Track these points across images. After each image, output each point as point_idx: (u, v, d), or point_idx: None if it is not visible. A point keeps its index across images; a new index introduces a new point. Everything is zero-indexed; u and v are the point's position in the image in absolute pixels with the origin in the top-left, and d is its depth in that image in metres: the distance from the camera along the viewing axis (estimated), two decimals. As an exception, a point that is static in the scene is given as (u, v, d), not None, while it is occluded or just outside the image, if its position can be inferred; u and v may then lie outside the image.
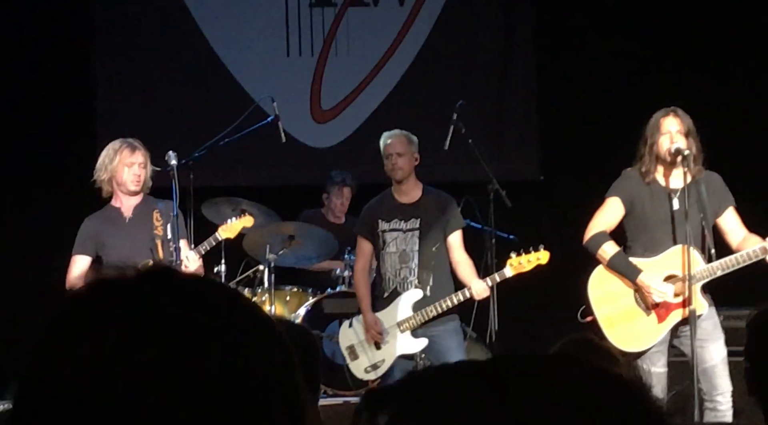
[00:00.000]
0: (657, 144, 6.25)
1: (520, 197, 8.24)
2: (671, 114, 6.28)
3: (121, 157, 6.64)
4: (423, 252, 6.80)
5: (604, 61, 9.74)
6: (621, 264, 6.29)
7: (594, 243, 6.34)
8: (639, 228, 6.37)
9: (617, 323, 6.30)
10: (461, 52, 10.10)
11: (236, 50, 10.02)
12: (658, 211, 6.30)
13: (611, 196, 6.41)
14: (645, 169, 6.31)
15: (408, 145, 6.89)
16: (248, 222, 6.85)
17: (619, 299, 6.33)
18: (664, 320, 6.27)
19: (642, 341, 6.28)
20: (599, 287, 6.36)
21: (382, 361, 6.85)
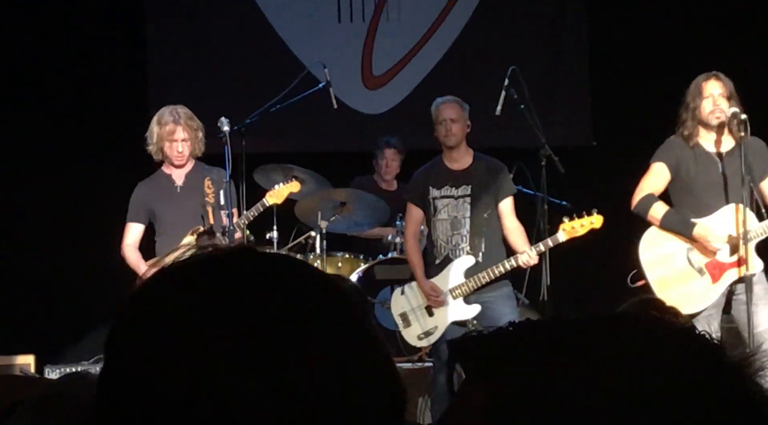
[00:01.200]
0: (699, 108, 6.25)
1: (572, 163, 8.18)
2: (713, 77, 6.27)
3: (165, 131, 6.65)
4: (474, 219, 6.77)
5: (656, 25, 9.66)
6: (675, 222, 6.27)
7: (643, 206, 6.33)
8: (685, 192, 6.34)
9: (670, 285, 6.27)
10: (512, 18, 10.03)
11: (287, 16, 10.02)
12: (704, 175, 6.28)
13: (656, 162, 6.41)
14: (688, 133, 6.30)
15: (461, 111, 6.86)
16: (295, 188, 6.86)
17: (671, 261, 6.30)
18: (717, 280, 6.24)
19: (696, 302, 6.25)
20: (651, 250, 6.34)
21: (434, 328, 6.85)
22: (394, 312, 7.00)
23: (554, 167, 7.95)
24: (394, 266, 8.17)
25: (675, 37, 9.60)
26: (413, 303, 6.91)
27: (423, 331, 6.88)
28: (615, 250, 6.58)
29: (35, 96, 9.61)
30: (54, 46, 9.64)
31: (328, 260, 8.39)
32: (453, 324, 6.82)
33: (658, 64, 9.53)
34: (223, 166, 6.49)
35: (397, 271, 7.89)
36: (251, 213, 6.74)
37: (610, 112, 9.71)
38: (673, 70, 9.22)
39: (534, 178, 8.20)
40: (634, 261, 6.37)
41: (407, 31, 10.08)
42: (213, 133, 6.71)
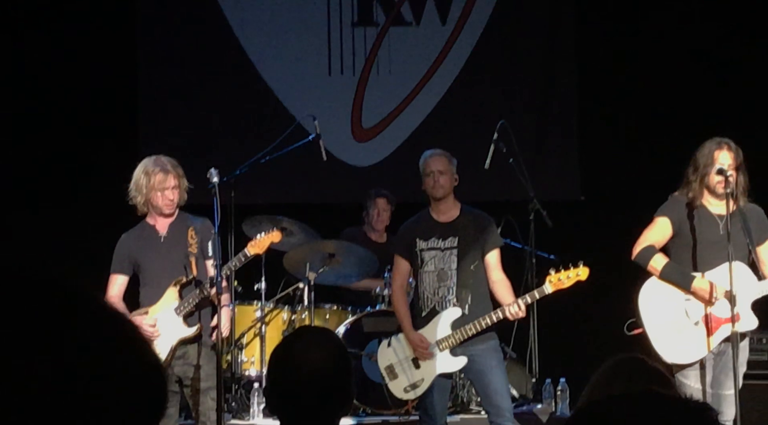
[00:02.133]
0: (709, 176, 6.35)
1: (560, 217, 8.23)
2: (725, 147, 6.38)
3: (153, 181, 6.66)
4: (461, 271, 6.78)
5: (645, 81, 9.72)
6: (674, 273, 6.36)
7: (644, 257, 6.41)
8: (686, 248, 6.44)
9: (666, 335, 6.35)
10: (502, 72, 10.10)
11: (278, 69, 10.08)
12: (706, 233, 6.39)
13: (660, 216, 6.50)
14: (692, 195, 6.42)
15: (449, 163, 6.89)
16: (276, 238, 6.83)
17: (668, 311, 6.39)
18: (713, 334, 6.32)
19: (690, 353, 6.34)
20: (649, 299, 6.42)
21: (421, 380, 6.83)
22: (380, 365, 6.98)
23: (542, 221, 8.00)
24: (382, 318, 8.16)
25: (664, 94, 9.67)
26: (400, 355, 6.89)
27: (409, 384, 6.86)
28: (601, 303, 6.61)
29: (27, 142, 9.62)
30: (46, 95, 9.67)
31: (316, 312, 8.39)
32: (440, 376, 6.80)
33: (646, 120, 9.59)
34: (212, 217, 6.49)
35: (385, 324, 7.87)
36: (233, 264, 6.71)
37: (598, 166, 9.76)
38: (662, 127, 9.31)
39: (522, 232, 8.24)
40: (631, 309, 6.41)
41: (397, 85, 10.14)
42: (203, 183, 6.72)
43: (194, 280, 6.64)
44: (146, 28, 10.04)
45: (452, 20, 10.13)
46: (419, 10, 10.15)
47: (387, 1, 10.15)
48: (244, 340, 8.40)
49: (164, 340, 6.63)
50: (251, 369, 8.32)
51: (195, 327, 6.63)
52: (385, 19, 10.15)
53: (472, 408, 8.10)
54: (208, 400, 6.57)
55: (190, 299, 6.61)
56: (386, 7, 10.15)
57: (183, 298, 6.65)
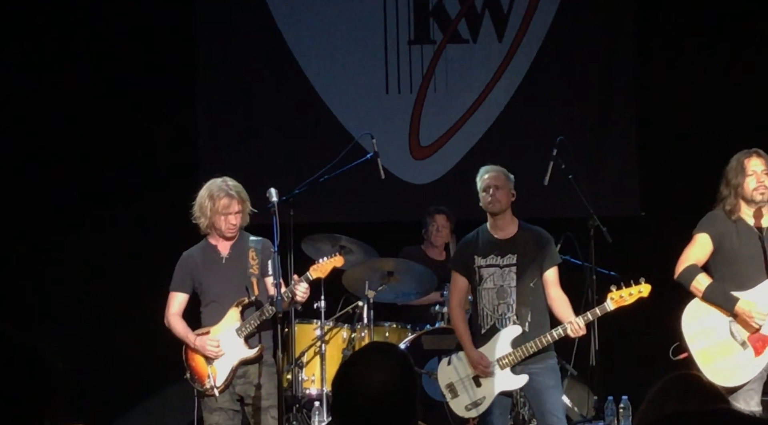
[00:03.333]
0: (743, 185, 6.30)
1: (620, 233, 8.16)
2: (754, 155, 6.35)
3: (218, 206, 6.71)
4: (520, 288, 6.75)
5: (704, 94, 9.65)
6: (718, 295, 6.26)
7: (687, 277, 6.33)
8: (727, 264, 6.35)
9: (713, 358, 6.25)
10: (560, 88, 10.06)
11: (335, 87, 10.11)
12: (746, 247, 6.30)
13: (700, 233, 6.44)
14: (729, 208, 6.35)
15: (506, 179, 6.88)
16: (339, 262, 6.85)
17: (714, 333, 6.28)
18: (761, 353, 6.20)
19: (739, 376, 6.21)
20: (693, 322, 6.33)
21: (482, 398, 6.81)
22: (441, 383, 6.96)
23: (602, 237, 7.93)
24: (441, 336, 8.14)
25: (723, 108, 9.59)
26: (461, 373, 6.87)
27: (471, 402, 6.84)
28: (663, 319, 6.54)
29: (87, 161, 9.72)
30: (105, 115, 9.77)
31: (376, 330, 8.38)
32: (500, 394, 6.78)
33: (706, 133, 9.52)
34: (271, 237, 6.51)
35: (445, 341, 7.86)
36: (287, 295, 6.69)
37: (658, 181, 9.69)
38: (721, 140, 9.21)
39: (582, 248, 8.18)
40: (676, 333, 6.34)
41: (454, 102, 10.13)
42: (262, 203, 6.75)
43: (256, 301, 6.68)
44: (204, 47, 10.10)
45: (509, 37, 10.11)
46: (476, 27, 10.15)
47: (443, 19, 10.16)
48: (305, 359, 8.41)
49: (226, 360, 6.67)
50: (311, 388, 8.33)
51: (256, 348, 6.66)
52: (441, 37, 10.15)
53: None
54: (269, 419, 6.60)
55: (251, 320, 6.64)
56: (443, 24, 10.15)
57: (245, 319, 6.68)
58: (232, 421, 6.69)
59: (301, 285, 6.62)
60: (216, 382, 6.65)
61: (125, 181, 9.69)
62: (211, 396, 6.67)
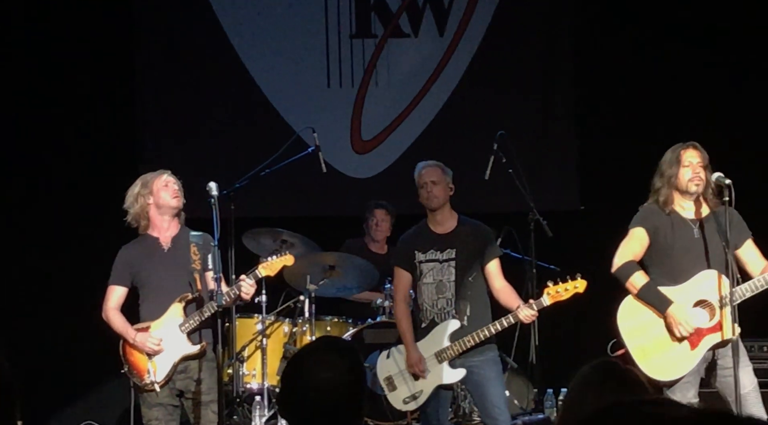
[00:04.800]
0: (677, 176, 6.33)
1: (560, 227, 8.22)
2: (691, 147, 6.39)
3: (153, 180, 6.71)
4: (460, 283, 6.78)
5: (644, 90, 9.73)
6: (651, 295, 6.30)
7: (623, 273, 6.36)
8: (662, 256, 6.38)
9: (650, 353, 6.29)
10: (501, 83, 10.11)
11: (277, 81, 10.09)
12: (680, 240, 6.34)
13: (635, 227, 6.46)
14: (663, 200, 6.37)
15: (442, 174, 6.89)
16: (289, 261, 6.83)
17: (650, 329, 6.31)
18: (696, 346, 6.25)
19: (676, 369, 6.25)
20: (629, 318, 6.36)
21: (420, 392, 6.83)
22: (379, 376, 6.97)
23: (542, 231, 7.99)
24: (383, 330, 8.17)
25: (662, 103, 9.68)
26: (400, 366, 6.89)
27: (409, 395, 6.85)
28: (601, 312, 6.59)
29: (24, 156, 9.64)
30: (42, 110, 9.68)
31: (317, 324, 8.39)
32: (440, 387, 6.80)
33: (645, 128, 9.60)
34: (211, 231, 6.49)
35: (386, 335, 7.88)
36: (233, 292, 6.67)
37: (598, 176, 9.76)
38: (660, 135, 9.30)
39: (522, 242, 8.24)
40: (613, 330, 6.38)
41: (396, 96, 10.15)
42: (202, 197, 6.73)
43: (199, 297, 6.65)
44: (143, 42, 10.04)
45: (450, 31, 10.14)
46: (417, 21, 10.17)
47: (385, 13, 10.17)
48: (246, 353, 8.40)
49: (167, 357, 6.63)
50: (252, 382, 8.32)
51: (199, 345, 6.63)
52: (383, 31, 10.16)
53: (474, 419, 8.09)
54: (209, 413, 6.57)
55: (195, 316, 6.61)
56: (384, 18, 10.16)
57: (187, 315, 6.65)
58: (171, 416, 6.66)
59: (246, 281, 6.60)
60: (156, 377, 6.61)
61: (63, 175, 9.61)
62: (151, 391, 6.63)
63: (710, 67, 9.64)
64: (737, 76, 9.59)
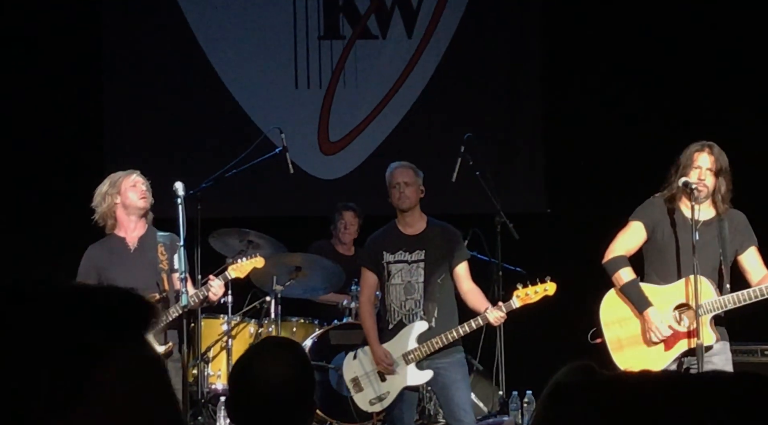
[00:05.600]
0: (686, 176, 6.25)
1: (527, 229, 8.25)
2: (707, 149, 6.25)
3: (122, 180, 6.68)
4: (428, 284, 6.78)
5: (610, 94, 9.77)
6: (633, 293, 6.31)
7: (612, 266, 6.36)
8: (657, 254, 6.38)
9: (625, 346, 6.32)
10: (469, 85, 10.13)
11: (245, 82, 10.07)
12: (678, 240, 6.30)
13: (635, 220, 6.42)
14: (671, 194, 6.30)
15: (414, 175, 6.90)
16: (259, 264, 6.82)
17: (628, 323, 6.35)
18: (670, 348, 6.28)
19: (647, 366, 6.27)
20: (610, 310, 6.39)
21: (386, 393, 6.83)
22: (345, 377, 6.97)
23: (509, 234, 8.01)
24: (349, 331, 8.16)
25: (629, 107, 9.73)
26: (366, 367, 6.89)
27: (375, 396, 6.86)
28: (568, 315, 6.62)
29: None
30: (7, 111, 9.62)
31: (283, 325, 8.37)
32: (406, 389, 6.81)
33: (612, 132, 9.64)
34: (178, 231, 6.46)
35: (352, 336, 7.87)
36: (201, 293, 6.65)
37: (564, 179, 9.80)
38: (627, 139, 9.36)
39: (489, 245, 8.25)
40: (593, 319, 6.40)
41: (364, 98, 10.16)
42: (168, 197, 6.70)
43: (167, 297, 6.63)
44: (111, 42, 10.00)
45: (418, 34, 10.16)
46: (386, 23, 10.18)
47: (353, 15, 10.17)
48: (211, 354, 8.37)
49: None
50: (218, 383, 8.29)
51: (166, 345, 6.61)
52: (351, 33, 10.16)
53: (439, 421, 8.10)
54: (175, 414, 6.53)
55: (162, 317, 6.59)
56: (352, 20, 10.17)
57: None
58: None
59: (215, 282, 6.59)
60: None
61: (28, 174, 9.55)
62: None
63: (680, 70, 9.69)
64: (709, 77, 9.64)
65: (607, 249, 6.43)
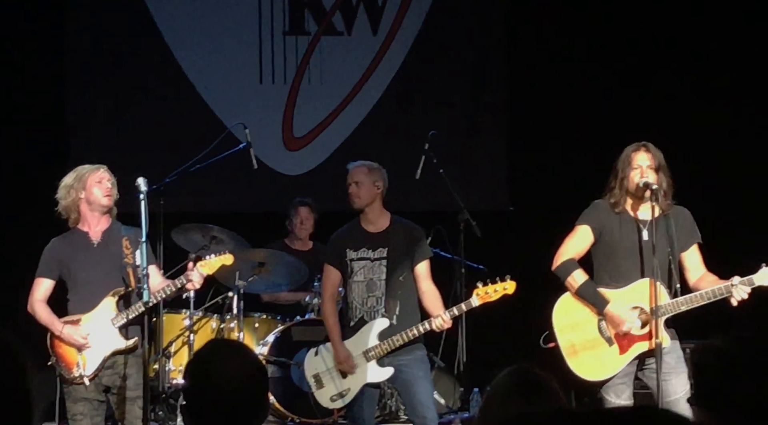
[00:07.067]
0: (628, 178, 6.30)
1: (490, 227, 8.28)
2: (642, 149, 6.33)
3: (87, 175, 6.65)
4: (390, 282, 6.79)
5: (574, 93, 9.82)
6: (589, 294, 6.32)
7: (563, 270, 6.37)
8: (607, 256, 6.39)
9: (580, 351, 6.32)
10: (434, 82, 10.15)
11: (209, 77, 10.05)
12: (626, 241, 6.33)
13: (581, 224, 6.44)
14: (614, 201, 6.35)
15: (368, 174, 6.89)
16: (228, 260, 6.78)
17: (582, 328, 6.34)
18: (626, 351, 6.29)
19: (603, 371, 6.29)
20: (564, 315, 6.39)
21: (347, 390, 6.84)
22: (307, 374, 6.97)
23: (472, 231, 8.04)
24: (311, 327, 8.17)
25: (592, 106, 9.77)
26: (328, 364, 6.89)
27: (336, 393, 6.86)
28: (530, 314, 6.64)
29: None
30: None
31: (245, 320, 8.37)
32: (367, 385, 6.82)
33: (575, 131, 9.68)
34: (140, 226, 6.44)
35: (314, 333, 7.88)
36: (179, 282, 6.65)
37: (527, 177, 9.83)
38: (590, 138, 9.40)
39: (452, 242, 8.28)
40: (547, 323, 6.42)
41: (328, 94, 10.16)
42: (131, 192, 6.67)
43: (132, 292, 6.60)
44: (74, 35, 9.95)
45: (383, 31, 10.17)
46: (351, 20, 10.18)
47: (318, 11, 10.17)
48: (172, 349, 8.36)
49: (97, 351, 6.58)
50: (179, 378, 8.28)
51: (132, 340, 6.59)
52: (316, 29, 10.16)
53: (400, 417, 8.12)
54: (135, 408, 6.53)
55: (129, 312, 6.56)
56: (317, 16, 10.16)
57: (120, 310, 6.61)
58: (96, 411, 6.61)
59: (195, 275, 6.58)
60: (85, 371, 6.56)
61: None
62: (79, 385, 6.57)
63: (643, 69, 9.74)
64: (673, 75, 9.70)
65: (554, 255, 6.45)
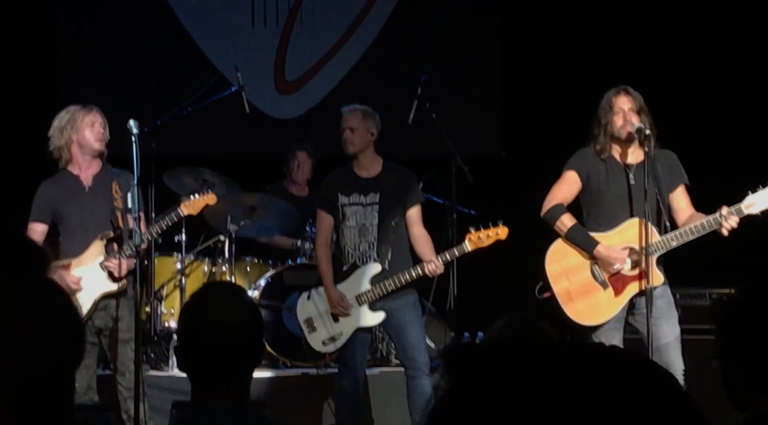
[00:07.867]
0: (611, 123, 6.34)
1: (481, 173, 8.27)
2: (622, 92, 6.36)
3: (80, 117, 6.62)
4: (382, 227, 6.80)
5: (567, 38, 9.78)
6: (579, 236, 6.35)
7: (552, 216, 6.40)
8: (594, 202, 6.42)
9: (575, 297, 6.35)
10: (426, 27, 10.09)
11: (201, 19, 9.98)
12: (613, 185, 6.36)
13: (568, 170, 6.47)
14: (600, 148, 6.38)
15: (362, 119, 6.87)
16: (211, 200, 6.81)
17: (575, 273, 6.37)
18: (620, 293, 6.32)
19: (599, 315, 6.32)
20: (556, 262, 6.41)
21: (339, 334, 6.87)
22: (299, 318, 7.00)
23: (464, 177, 8.03)
24: (303, 272, 8.18)
25: (585, 52, 9.74)
26: (320, 308, 6.92)
27: (328, 337, 6.90)
28: (522, 259, 6.65)
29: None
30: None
31: (237, 265, 8.38)
32: (359, 330, 6.85)
33: (568, 77, 9.65)
34: (131, 169, 6.43)
35: (306, 277, 7.89)
36: (164, 222, 6.67)
37: (520, 123, 9.81)
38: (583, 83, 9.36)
39: (444, 187, 8.27)
40: (540, 273, 6.44)
41: (321, 36, 10.09)
42: (122, 135, 6.65)
43: (121, 235, 6.60)
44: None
45: (377, -28, 10.09)
46: (344, -39, 10.11)
47: (311, -48, 10.08)
48: (164, 292, 8.37)
49: (88, 294, 6.60)
50: (170, 321, 8.30)
51: (120, 282, 6.60)
52: (309, -29, 10.08)
53: (392, 361, 8.16)
54: (128, 351, 6.56)
55: (117, 254, 6.57)
56: (311, -42, 10.08)
57: (108, 253, 6.61)
58: (88, 354, 6.63)
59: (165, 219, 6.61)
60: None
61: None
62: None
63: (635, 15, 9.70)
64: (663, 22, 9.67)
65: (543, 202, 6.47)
